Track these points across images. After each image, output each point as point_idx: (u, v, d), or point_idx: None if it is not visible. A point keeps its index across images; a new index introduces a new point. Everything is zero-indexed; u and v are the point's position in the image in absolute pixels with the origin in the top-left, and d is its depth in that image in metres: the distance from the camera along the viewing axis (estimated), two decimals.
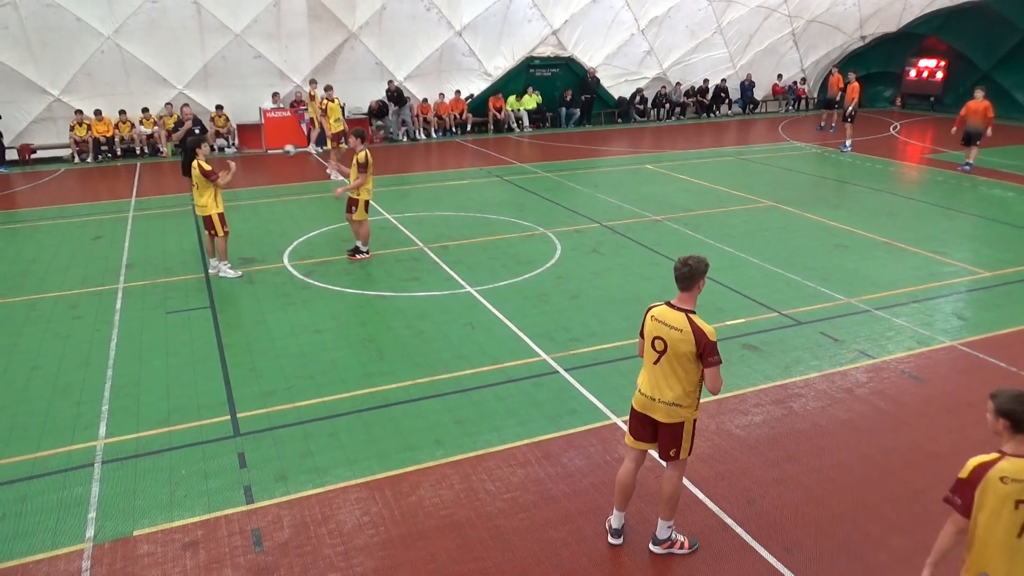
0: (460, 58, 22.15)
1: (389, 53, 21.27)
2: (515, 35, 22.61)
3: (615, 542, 5.04)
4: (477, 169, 17.81)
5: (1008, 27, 23.64)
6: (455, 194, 15.31)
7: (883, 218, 13.09)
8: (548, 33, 22.91)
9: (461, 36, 21.68)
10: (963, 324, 8.65)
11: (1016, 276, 10.13)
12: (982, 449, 6.09)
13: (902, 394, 7.06)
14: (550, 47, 23.39)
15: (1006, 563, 3.38)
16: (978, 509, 3.38)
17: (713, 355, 4.47)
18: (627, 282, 10.03)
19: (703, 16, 24.03)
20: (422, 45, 21.53)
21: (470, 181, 16.56)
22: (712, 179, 16.18)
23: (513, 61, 23.15)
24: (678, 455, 4.78)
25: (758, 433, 6.42)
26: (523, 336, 8.30)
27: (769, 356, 7.83)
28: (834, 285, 9.76)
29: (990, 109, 16.08)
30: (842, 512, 5.39)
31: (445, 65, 22.02)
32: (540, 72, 23.57)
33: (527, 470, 5.88)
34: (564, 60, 23.48)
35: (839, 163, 18.19)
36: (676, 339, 4.57)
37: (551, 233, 12.21)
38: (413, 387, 7.19)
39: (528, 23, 22.41)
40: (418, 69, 21.89)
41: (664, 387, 4.67)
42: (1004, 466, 3.34)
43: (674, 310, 4.67)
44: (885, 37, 27.18)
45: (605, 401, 6.88)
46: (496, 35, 22.32)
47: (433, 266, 10.70)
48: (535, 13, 22.18)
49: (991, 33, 24.22)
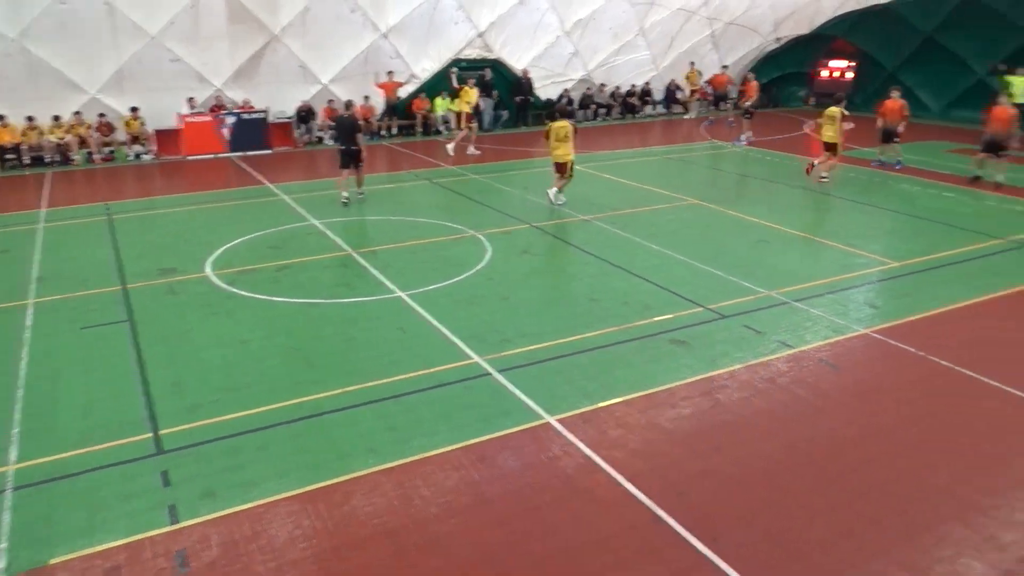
0: (386, 60, 21.95)
1: (313, 55, 20.92)
2: (441, 37, 22.55)
3: None
4: (405, 172, 17.70)
5: (911, 30, 24.87)
6: (383, 198, 15.17)
7: (800, 213, 13.60)
8: (474, 35, 22.94)
9: (387, 38, 21.50)
10: (875, 312, 9.06)
11: (922, 265, 10.67)
12: (894, 433, 6.41)
13: (820, 382, 7.35)
14: (476, 49, 23.42)
15: None
16: None
17: None
18: (558, 282, 10.14)
19: (626, 19, 24.47)
20: (347, 47, 21.25)
21: (398, 185, 16.45)
22: (638, 178, 16.49)
23: (440, 63, 23.08)
24: None
25: (687, 426, 6.58)
26: (455, 339, 8.29)
27: (696, 350, 8.03)
28: (756, 279, 10.09)
29: (905, 108, 16.76)
30: (767, 499, 5.58)
31: (371, 67, 21.77)
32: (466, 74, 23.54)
33: (461, 473, 5.88)
34: (491, 62, 23.54)
35: (759, 161, 18.80)
36: None
37: (481, 235, 12.23)
38: (344, 395, 7.09)
39: (454, 25, 22.40)
40: (343, 72, 21.59)
41: None
42: None
43: None
44: (798, 39, 28.22)
45: (538, 401, 6.93)
46: (422, 37, 22.23)
47: (362, 271, 10.58)
48: (461, 15, 22.19)
49: (896, 35, 25.44)
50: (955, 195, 14.87)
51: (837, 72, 27.82)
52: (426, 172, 17.60)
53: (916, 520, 5.33)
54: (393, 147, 21.16)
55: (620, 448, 6.21)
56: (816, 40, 27.95)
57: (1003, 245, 11.56)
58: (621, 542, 5.11)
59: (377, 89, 21.69)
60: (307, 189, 15.93)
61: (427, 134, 23.06)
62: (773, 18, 27.01)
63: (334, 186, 14.82)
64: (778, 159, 18.95)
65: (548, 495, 5.61)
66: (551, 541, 5.13)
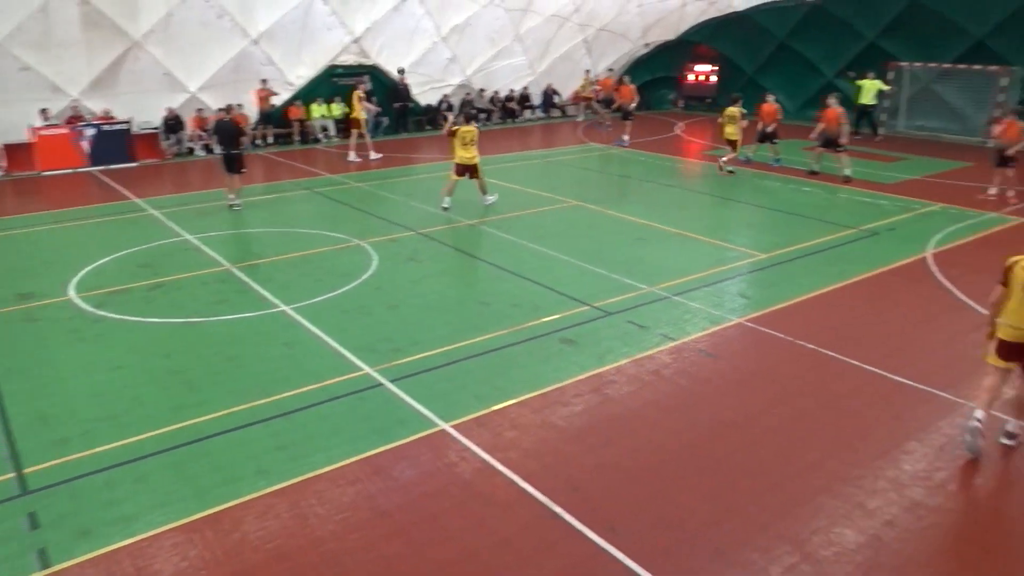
0: (258, 67, 21.23)
1: (179, 62, 19.93)
2: (316, 43, 22.04)
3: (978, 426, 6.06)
4: (284, 182, 17.19)
5: (767, 36, 26.56)
6: (262, 209, 14.68)
7: (675, 211, 14.22)
8: (350, 41, 22.58)
9: (258, 44, 20.80)
10: (747, 302, 9.61)
11: (786, 256, 11.41)
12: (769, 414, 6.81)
13: (700, 371, 7.72)
14: (353, 55, 23.07)
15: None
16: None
17: None
18: (445, 288, 10.14)
19: (501, 25, 24.78)
20: (215, 54, 20.38)
21: (277, 195, 15.95)
22: (521, 182, 16.74)
23: (315, 70, 22.58)
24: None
25: (579, 422, 6.75)
26: (344, 351, 8.13)
27: (584, 348, 8.25)
28: (637, 276, 10.47)
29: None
30: (658, 486, 5.81)
31: (243, 75, 20.98)
32: (344, 81, 23.18)
33: (358, 488, 5.78)
34: (368, 68, 23.25)
35: (635, 162, 19.52)
36: None
37: (366, 244, 12.06)
38: (229, 416, 6.81)
39: (328, 31, 21.94)
40: (213, 79, 20.71)
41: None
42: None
43: None
44: (666, 44, 29.53)
45: (433, 408, 6.91)
46: (296, 43, 21.64)
47: (242, 287, 10.19)
48: (335, 21, 21.77)
49: (753, 41, 27.09)
50: (811, 189, 15.98)
51: (702, 76, 29.33)
52: (306, 181, 17.16)
53: (793, 495, 5.70)
54: (270, 156, 20.49)
55: (515, 449, 6.29)
56: (682, 45, 29.35)
57: (855, 234, 12.53)
58: (520, 541, 5.18)
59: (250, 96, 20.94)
60: (179, 203, 15.17)
61: (305, 142, 22.49)
62: (641, 24, 28.10)
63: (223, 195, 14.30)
64: (652, 159, 19.73)
65: (446, 502, 5.61)
66: (451, 547, 5.14)
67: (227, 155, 14.40)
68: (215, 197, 15.54)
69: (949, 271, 10.61)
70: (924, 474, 5.95)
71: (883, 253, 11.46)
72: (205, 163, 19.88)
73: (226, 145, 14.42)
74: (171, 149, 20.30)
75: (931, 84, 22.91)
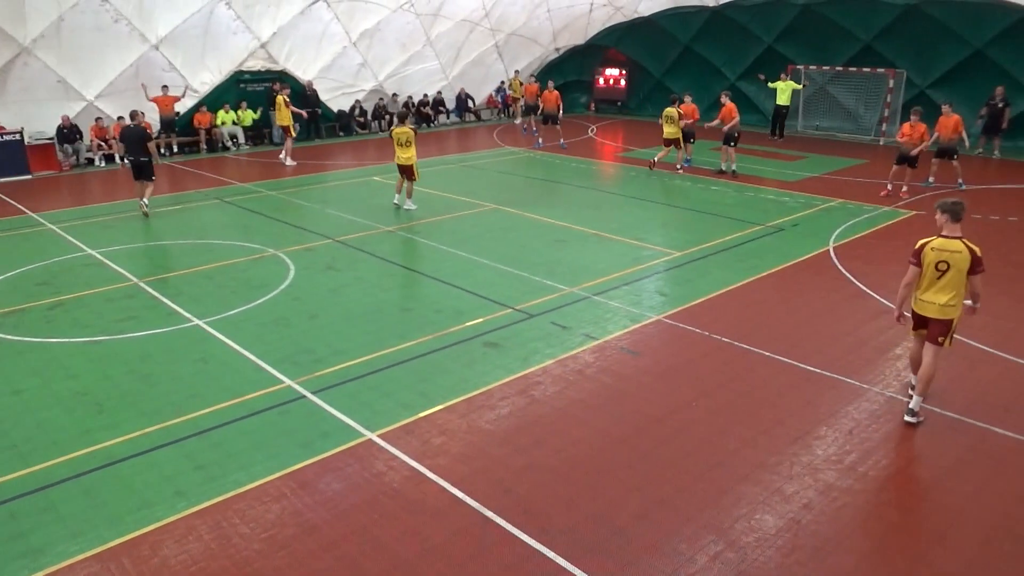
0: (159, 73, 20.39)
1: (73, 69, 18.93)
2: (221, 48, 21.35)
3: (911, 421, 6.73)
4: (193, 192, 16.57)
5: (672, 40, 27.38)
6: (170, 221, 14.11)
7: (591, 212, 14.47)
8: (256, 46, 21.98)
9: (158, 50, 19.98)
10: (664, 299, 9.87)
11: (700, 253, 11.79)
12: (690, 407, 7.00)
13: (623, 368, 7.89)
14: (260, 60, 22.47)
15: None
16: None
17: (981, 265, 6.42)
18: (366, 295, 10.00)
19: (412, 29, 24.63)
20: (113, 60, 19.46)
21: (184, 206, 15.36)
22: (439, 186, 16.68)
23: (221, 76, 21.88)
24: (943, 343, 6.63)
25: (507, 425, 6.78)
26: (263, 364, 7.91)
27: (508, 350, 8.28)
28: (557, 277, 10.60)
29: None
30: (587, 483, 5.90)
31: (143, 81, 20.10)
32: (252, 86, 22.56)
33: (283, 504, 5.63)
34: (276, 74, 22.69)
35: (551, 164, 19.75)
36: (958, 259, 6.41)
37: (282, 253, 11.76)
38: (142, 438, 6.51)
39: (233, 35, 21.28)
40: (111, 87, 19.77)
41: (943, 295, 6.51)
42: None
43: (950, 239, 6.49)
44: (575, 49, 30.02)
45: (358, 418, 6.80)
46: (199, 48, 20.90)
47: (152, 302, 9.77)
48: (240, 25, 21.13)
49: (659, 45, 27.88)
50: (720, 188, 16.57)
51: (612, 79, 29.96)
52: (215, 191, 16.59)
53: (716, 484, 5.89)
54: (175, 166, 19.71)
55: (444, 455, 6.26)
56: (592, 49, 29.91)
57: (762, 231, 13.07)
58: (453, 548, 5.15)
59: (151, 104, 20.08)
60: (79, 216, 14.42)
61: (213, 150, 21.76)
62: (551, 29, 28.47)
63: None
64: (567, 162, 20.02)
65: (376, 513, 5.53)
66: (383, 558, 5.07)
67: (137, 162, 14.17)
68: (119, 209, 14.86)
69: (849, 263, 11.20)
70: (836, 457, 6.25)
71: (789, 248, 12.00)
72: (107, 174, 18.97)
73: (135, 152, 14.13)
74: (69, 160, 19.26)
75: (826, 85, 24.14)
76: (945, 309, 6.54)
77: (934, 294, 6.58)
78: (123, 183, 17.68)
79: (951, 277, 6.48)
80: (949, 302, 6.52)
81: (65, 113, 19.15)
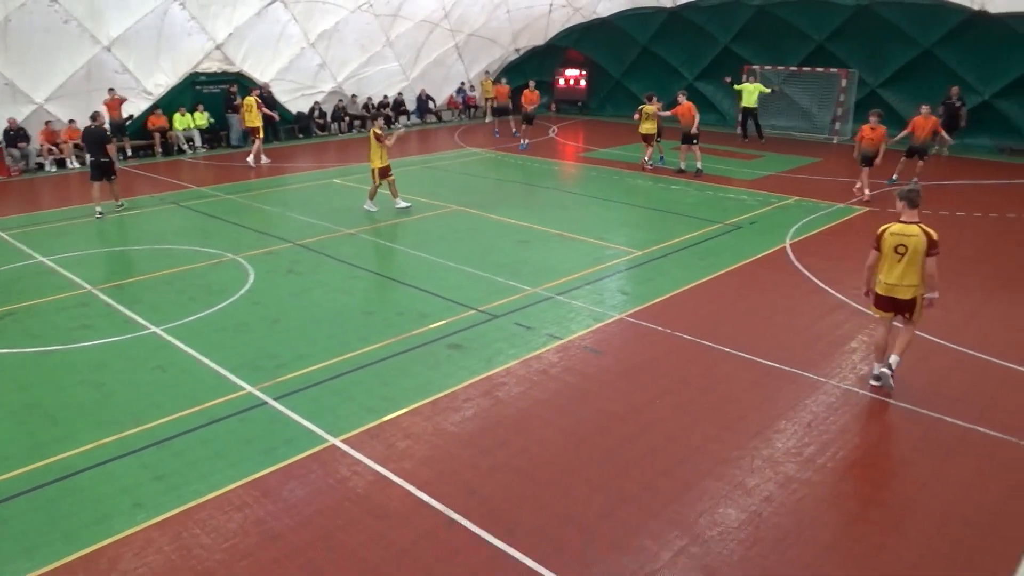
0: (112, 75, 19.92)
1: (21, 71, 18.39)
2: (175, 49, 20.94)
3: (877, 384, 7.31)
4: (148, 197, 16.23)
5: (631, 41, 27.61)
6: (125, 226, 13.81)
7: (555, 212, 14.53)
8: (212, 47, 21.61)
9: (110, 51, 19.52)
10: (626, 298, 9.96)
11: (661, 252, 11.92)
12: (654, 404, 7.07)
13: (586, 367, 7.94)
14: (216, 62, 22.10)
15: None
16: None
17: (936, 248, 6.91)
18: (327, 299, 9.91)
19: (371, 30, 24.45)
20: (63, 62, 18.94)
21: (141, 210, 15.04)
22: (401, 188, 16.53)
23: (176, 77, 21.47)
24: (912, 318, 7.21)
25: (471, 426, 6.77)
26: (223, 371, 7.78)
27: (472, 352, 8.28)
28: (521, 278, 10.62)
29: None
30: (553, 482, 5.92)
31: (95, 84, 19.62)
32: (208, 88, 22.18)
33: (245, 513, 5.55)
34: (233, 76, 22.34)
35: (513, 165, 19.79)
36: (915, 242, 6.91)
37: (241, 258, 11.59)
38: (98, 449, 6.37)
39: (188, 36, 20.89)
40: (62, 89, 19.26)
41: (903, 276, 7.03)
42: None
43: (908, 224, 7.02)
44: (535, 49, 30.11)
45: (321, 424, 6.74)
46: (153, 50, 20.47)
47: (107, 310, 9.55)
48: (195, 26, 20.75)
49: (618, 46, 28.08)
50: (680, 187, 16.76)
51: (573, 80, 30.11)
52: (172, 195, 16.28)
53: (680, 480, 5.96)
54: (130, 170, 19.27)
55: (409, 459, 6.23)
56: (552, 50, 30.01)
57: (721, 229, 13.26)
58: (419, 552, 5.14)
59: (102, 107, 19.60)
60: (29, 222, 14.03)
61: (168, 154, 21.34)
62: (511, 30, 28.51)
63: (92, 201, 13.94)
64: (529, 162, 20.07)
65: (341, 518, 5.49)
66: (348, 564, 5.03)
67: (97, 162, 14.39)
68: (71, 215, 14.50)
69: (805, 259, 11.42)
70: (795, 450, 6.38)
71: (747, 245, 12.19)
72: (59, 179, 18.50)
73: (95, 153, 14.39)
74: (18, 165, 18.71)
75: (781, 85, 24.56)
76: (908, 289, 7.10)
77: (897, 276, 7.08)
78: (75, 188, 17.28)
79: (910, 259, 6.99)
80: (911, 282, 7.07)
81: (12, 116, 18.60)
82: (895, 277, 7.10)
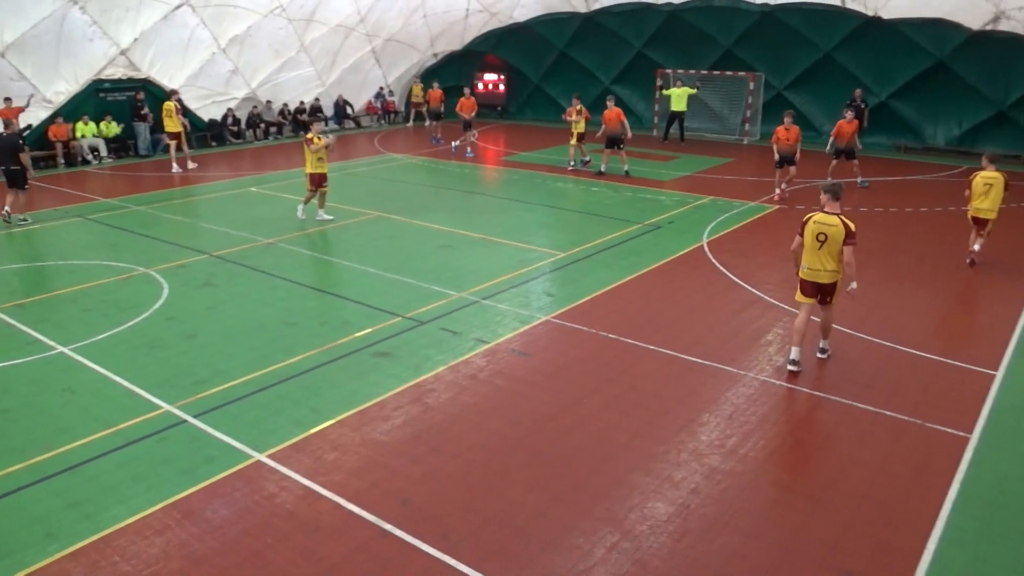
0: (7, 83, 18.81)
1: None
2: (76, 55, 19.93)
3: (795, 369, 7.78)
4: (51, 210, 15.41)
5: (548, 45, 27.93)
6: (27, 241, 13.08)
7: (477, 216, 14.56)
8: (116, 53, 20.69)
9: (5, 57, 18.45)
10: (552, 300, 10.07)
11: (583, 253, 12.10)
12: (582, 403, 7.15)
13: (515, 370, 7.98)
14: (121, 68, 21.18)
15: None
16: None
17: (853, 238, 7.44)
18: (247, 312, 9.63)
19: (285, 35, 23.92)
20: None
21: (43, 225, 14.27)
22: None
23: (78, 84, 20.46)
24: (831, 301, 7.82)
25: (401, 434, 6.71)
26: (138, 390, 7.46)
27: (400, 359, 8.20)
28: (445, 283, 10.59)
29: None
30: (485, 486, 5.92)
31: None
32: (112, 96, 21.24)
33: (167, 536, 5.33)
34: (140, 82, 21.47)
35: (435, 170, 19.71)
36: (834, 231, 7.47)
37: (154, 272, 11.14)
38: (5, 478, 6.00)
39: (90, 42, 19.93)
40: None
41: (825, 262, 7.59)
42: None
43: (829, 215, 7.58)
44: (453, 54, 30.09)
45: (244, 440, 6.55)
46: (52, 56, 19.42)
47: (8, 330, 9.02)
48: (96, 31, 19.81)
49: (536, 50, 28.37)
50: (600, 189, 17.07)
51: (491, 84, 30.23)
52: (76, 207, 15.50)
53: (609, 477, 6.06)
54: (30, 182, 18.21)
55: (338, 471, 6.12)
56: (470, 55, 30.05)
57: (641, 229, 13.56)
58: (352, 565, 5.05)
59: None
60: None
61: (72, 164, 20.31)
62: (428, 35, 28.40)
63: None
64: (449, 167, 20.04)
65: (269, 536, 5.34)
66: None
67: (9, 171, 14.21)
68: None
69: (721, 256, 11.81)
70: (718, 442, 6.58)
71: (666, 245, 12.51)
72: None
73: (6, 162, 14.20)
74: None
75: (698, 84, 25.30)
76: (828, 274, 7.68)
77: (818, 261, 7.66)
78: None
79: (829, 247, 7.57)
80: (831, 268, 7.65)
81: None
82: (817, 263, 7.67)
